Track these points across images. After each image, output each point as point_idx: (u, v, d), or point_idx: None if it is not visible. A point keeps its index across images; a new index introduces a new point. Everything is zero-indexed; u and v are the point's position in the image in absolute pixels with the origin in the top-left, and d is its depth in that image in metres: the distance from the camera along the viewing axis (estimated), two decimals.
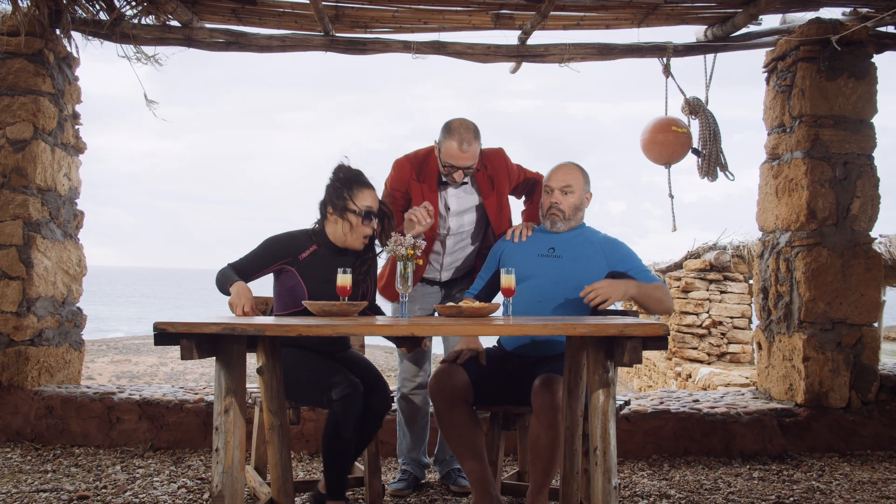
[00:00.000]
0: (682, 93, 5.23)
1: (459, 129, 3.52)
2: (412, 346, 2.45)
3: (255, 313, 3.06)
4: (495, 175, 3.75)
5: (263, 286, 3.45)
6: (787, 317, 4.97)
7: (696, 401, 5.01)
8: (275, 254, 3.30)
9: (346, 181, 3.31)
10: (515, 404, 3.27)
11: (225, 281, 3.18)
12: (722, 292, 10.98)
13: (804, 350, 4.77)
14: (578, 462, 2.89)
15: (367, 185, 3.33)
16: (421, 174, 3.68)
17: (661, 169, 5.22)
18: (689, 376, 10.06)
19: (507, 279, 3.02)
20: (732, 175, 5.20)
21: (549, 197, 3.48)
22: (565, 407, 2.83)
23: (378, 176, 3.55)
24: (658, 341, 2.26)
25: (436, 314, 3.03)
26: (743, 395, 5.31)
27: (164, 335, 2.27)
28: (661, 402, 4.89)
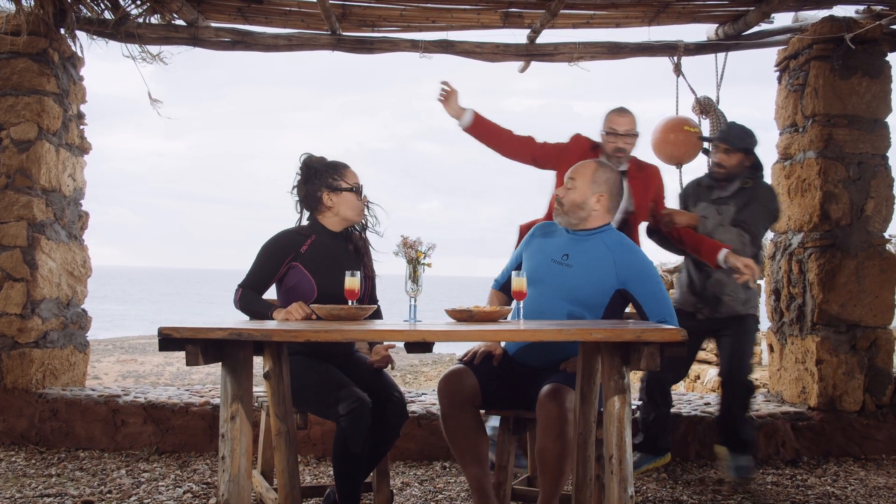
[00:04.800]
0: (693, 92, 5.17)
1: (616, 107, 3.94)
2: (422, 351, 2.41)
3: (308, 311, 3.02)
4: (647, 182, 3.97)
5: (269, 290, 3.40)
6: (800, 319, 4.90)
7: (708, 404, 4.94)
8: (279, 253, 3.27)
9: (330, 167, 3.38)
10: (524, 409, 3.21)
11: (258, 310, 3.16)
12: None
13: (817, 352, 4.70)
14: (591, 469, 2.83)
15: (346, 165, 3.43)
16: (591, 153, 3.87)
17: (665, 168, 5.15)
18: (698, 377, 9.97)
19: (518, 282, 2.94)
20: None
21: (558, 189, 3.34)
22: (578, 413, 2.77)
23: (380, 174, 3.58)
24: (676, 347, 2.19)
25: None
26: (755, 397, 5.23)
27: (169, 340, 2.21)
28: (672, 406, 4.82)
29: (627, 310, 3.39)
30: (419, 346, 2.30)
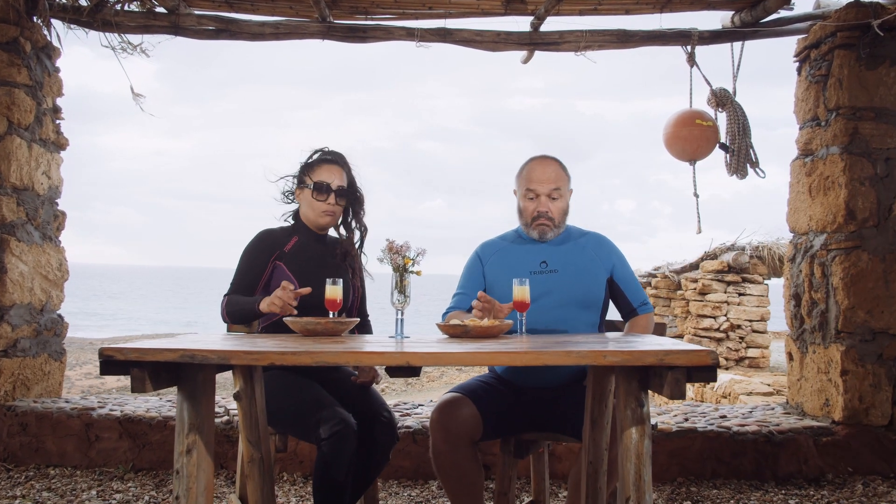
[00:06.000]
0: (708, 83, 4.84)
1: None
2: (407, 376, 2.09)
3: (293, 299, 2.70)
4: None
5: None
6: (823, 326, 4.57)
7: (724, 416, 4.62)
8: (265, 252, 3.01)
9: (309, 160, 3.16)
10: (537, 431, 2.88)
11: (244, 308, 2.87)
12: (740, 294, 10.58)
13: (842, 363, 4.37)
14: (602, 501, 2.51)
15: (327, 161, 3.13)
16: None
17: (668, 167, 4.91)
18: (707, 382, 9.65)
19: (521, 291, 2.61)
20: (763, 172, 4.82)
21: (533, 203, 2.97)
22: (588, 440, 2.45)
23: (381, 173, 3.26)
24: (705, 372, 1.86)
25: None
26: (773, 409, 4.92)
27: (112, 363, 1.89)
28: (686, 419, 4.50)
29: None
30: (403, 370, 1.97)
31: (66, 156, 5.07)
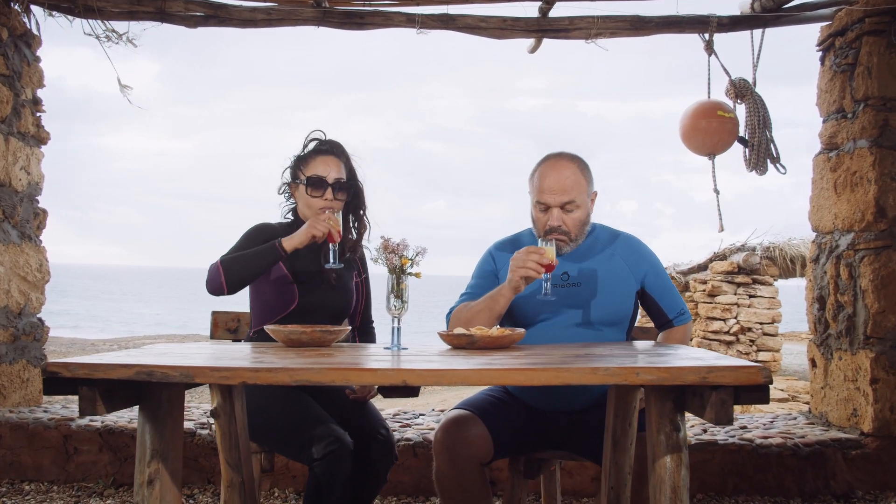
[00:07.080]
0: (727, 73, 4.55)
1: None
2: (404, 396, 1.82)
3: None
4: None
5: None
6: (850, 331, 4.29)
7: (745, 427, 4.34)
8: (263, 239, 2.74)
9: (305, 154, 2.86)
10: (548, 450, 2.60)
11: (253, 256, 2.59)
12: (751, 296, 10.31)
13: (872, 370, 4.09)
14: None
15: (322, 152, 2.84)
16: None
17: (671, 167, 4.68)
18: None
19: (548, 252, 2.34)
20: (784, 168, 4.53)
21: (545, 216, 2.61)
22: (609, 463, 2.17)
23: (384, 173, 2.99)
24: (756, 392, 1.57)
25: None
26: (795, 419, 4.64)
27: (58, 381, 1.61)
28: (705, 431, 4.23)
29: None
30: (399, 390, 1.68)
31: (69, 156, 4.93)
